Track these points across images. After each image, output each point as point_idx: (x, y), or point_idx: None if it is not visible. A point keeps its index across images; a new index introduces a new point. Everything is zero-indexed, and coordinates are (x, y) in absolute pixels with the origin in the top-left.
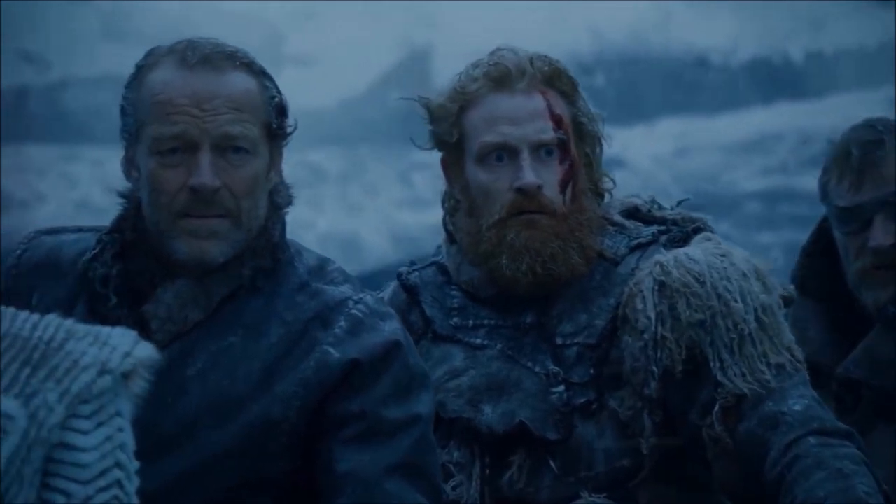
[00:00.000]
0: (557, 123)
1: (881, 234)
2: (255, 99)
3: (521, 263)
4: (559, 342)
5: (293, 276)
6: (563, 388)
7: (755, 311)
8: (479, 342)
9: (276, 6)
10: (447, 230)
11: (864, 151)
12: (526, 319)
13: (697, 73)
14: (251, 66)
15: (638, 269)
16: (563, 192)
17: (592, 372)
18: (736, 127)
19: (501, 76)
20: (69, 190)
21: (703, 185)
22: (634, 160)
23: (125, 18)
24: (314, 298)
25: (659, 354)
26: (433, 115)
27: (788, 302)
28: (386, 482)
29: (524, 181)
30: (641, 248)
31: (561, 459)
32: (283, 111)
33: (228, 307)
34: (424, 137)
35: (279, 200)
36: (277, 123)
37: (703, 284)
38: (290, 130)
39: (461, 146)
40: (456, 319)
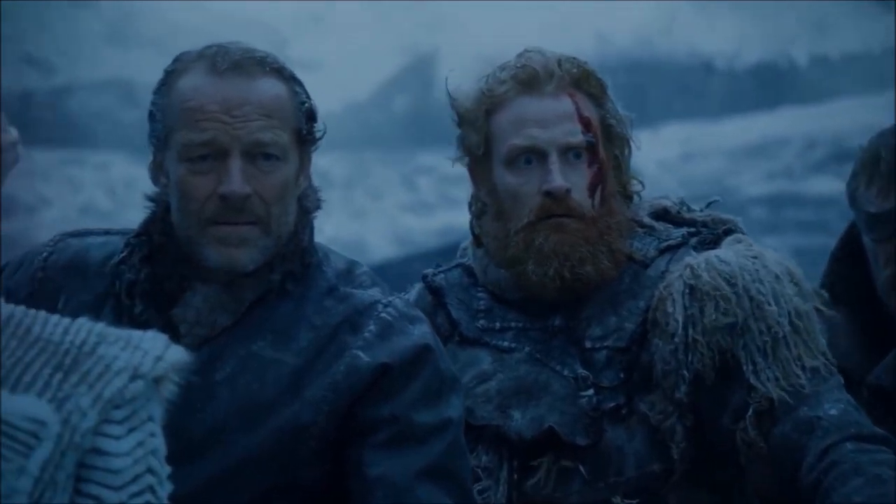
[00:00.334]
0: (586, 126)
1: None
2: (285, 105)
3: (548, 268)
4: (588, 345)
5: (321, 280)
6: (592, 392)
7: (789, 314)
8: (506, 345)
9: (280, 11)
10: (473, 233)
11: (893, 157)
12: (554, 322)
13: (702, 77)
14: (281, 71)
15: (668, 271)
16: (591, 195)
17: (622, 376)
18: (741, 132)
19: (529, 78)
20: (73, 194)
21: (707, 189)
22: (639, 165)
23: (129, 23)
24: (343, 302)
25: (690, 358)
26: (461, 117)
27: (826, 304)
28: (417, 487)
29: (553, 184)
30: (671, 250)
31: (590, 464)
32: (312, 116)
33: (257, 311)
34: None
35: (308, 205)
36: (307, 129)
37: (734, 287)
38: (318, 135)
39: (488, 149)
40: (482, 321)
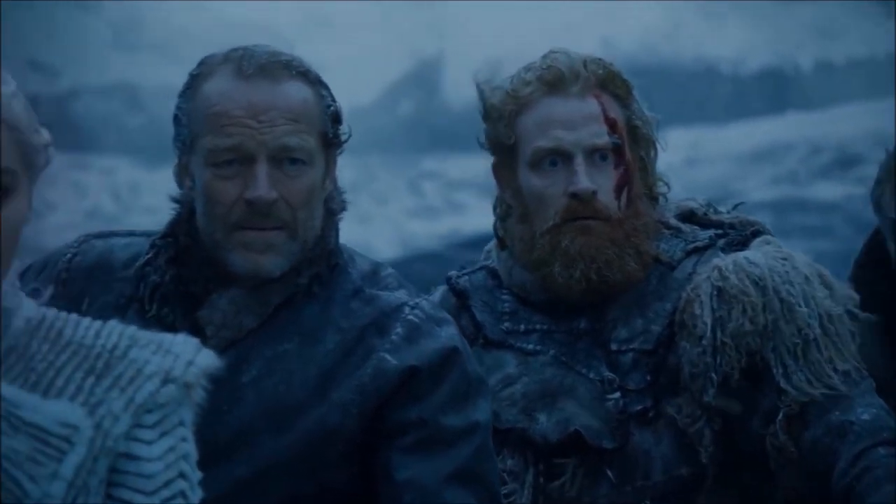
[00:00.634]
0: (612, 127)
1: None
2: (311, 109)
3: (574, 270)
4: (614, 348)
5: (347, 282)
6: (618, 394)
7: (819, 316)
8: (531, 348)
9: (286, 15)
10: (497, 235)
11: None
12: (579, 324)
13: (707, 83)
14: (307, 74)
15: (695, 273)
16: (618, 197)
17: (649, 378)
18: (746, 137)
19: (555, 79)
20: (79, 199)
21: (712, 194)
22: None
23: (135, 27)
24: (369, 304)
25: (718, 361)
26: (488, 116)
27: (858, 306)
28: (445, 491)
29: (578, 186)
30: (698, 252)
31: (617, 468)
32: (338, 119)
33: (283, 313)
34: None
35: (334, 207)
36: (333, 132)
37: (763, 289)
38: (344, 138)
39: (514, 151)
40: (507, 324)
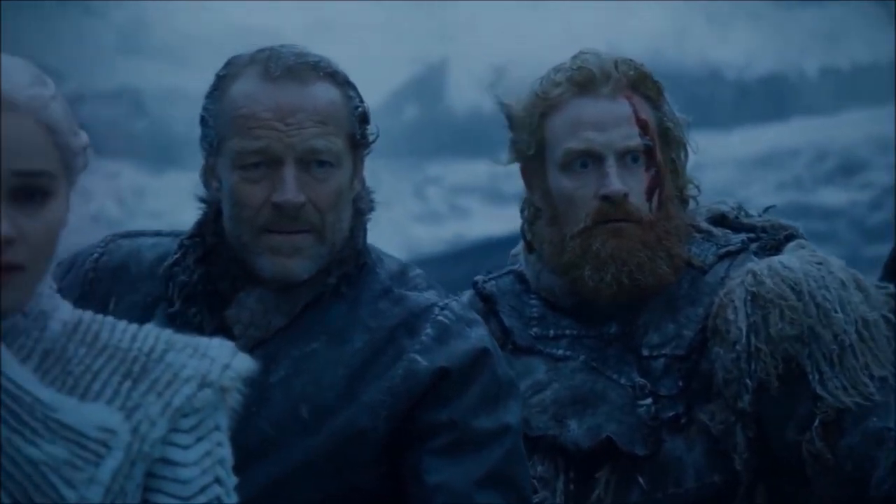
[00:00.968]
0: (643, 129)
1: None
2: (339, 110)
3: (605, 274)
4: (645, 353)
5: (375, 281)
6: (650, 400)
7: (856, 321)
8: (560, 353)
9: (291, 19)
10: (525, 239)
11: None
12: (610, 329)
13: (712, 88)
14: (335, 75)
15: (728, 277)
16: (649, 199)
17: (681, 384)
18: (750, 142)
19: (585, 80)
20: (84, 203)
21: (716, 199)
22: None
23: (140, 32)
24: (398, 305)
25: (753, 367)
26: (513, 121)
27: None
28: (476, 494)
29: (610, 189)
30: (731, 256)
31: (649, 475)
32: (365, 119)
33: (311, 313)
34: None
35: (362, 206)
36: (360, 133)
37: (799, 294)
38: (372, 138)
39: (542, 153)
40: (536, 329)
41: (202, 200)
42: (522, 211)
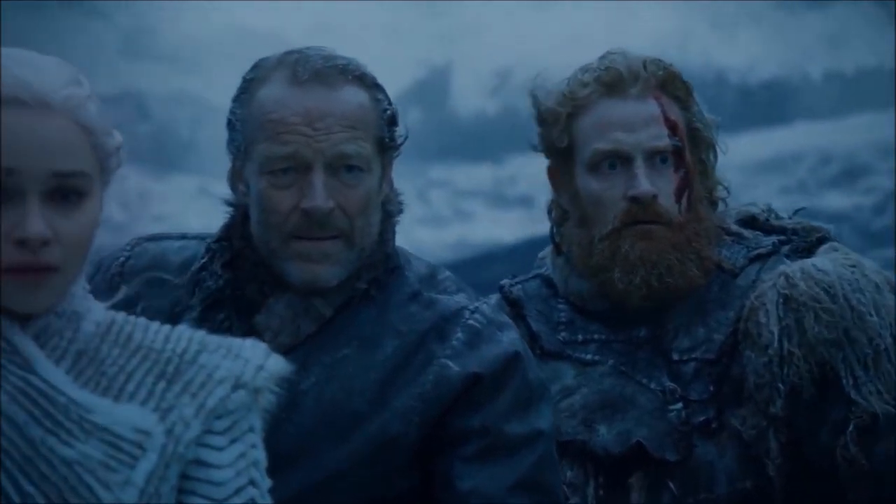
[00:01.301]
0: (672, 129)
1: None
2: (368, 114)
3: (634, 276)
4: (675, 357)
5: (405, 285)
6: (680, 405)
7: (891, 325)
8: (589, 358)
9: (295, 23)
10: (554, 241)
11: None
12: (639, 333)
13: (716, 91)
14: (363, 78)
15: (759, 280)
16: (678, 201)
17: (712, 389)
18: (754, 146)
19: (613, 81)
20: None
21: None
22: None
23: (143, 36)
24: (428, 309)
25: (785, 371)
26: (543, 119)
27: None
28: (509, 500)
29: (639, 190)
30: (761, 258)
31: (680, 480)
32: (394, 121)
33: (341, 318)
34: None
35: (391, 209)
36: (389, 136)
37: (834, 297)
38: (400, 141)
39: (570, 153)
40: (564, 334)
41: (229, 204)
42: (549, 212)
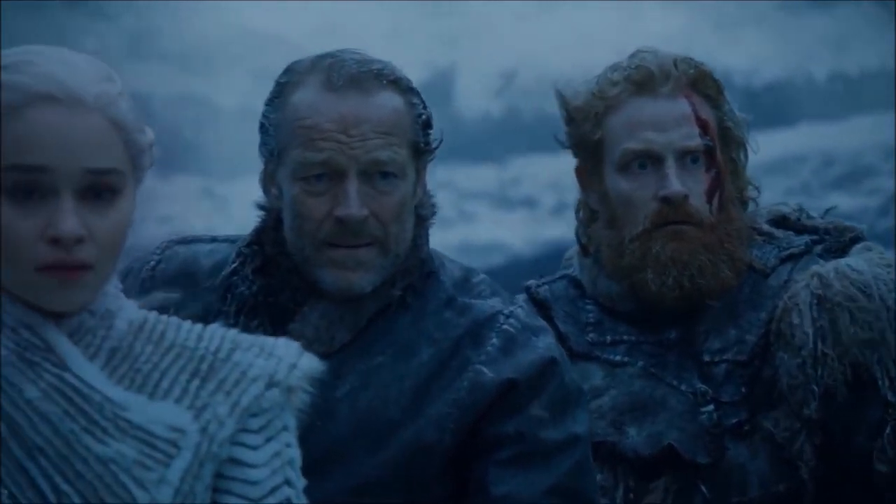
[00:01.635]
0: (703, 129)
1: None
2: (402, 119)
3: (667, 277)
4: (706, 359)
5: (440, 290)
6: (712, 407)
7: None
8: (618, 359)
9: (300, 25)
10: (580, 242)
11: None
12: (669, 335)
13: None
14: (398, 82)
15: (792, 280)
16: (709, 201)
17: (744, 390)
18: (758, 148)
19: (644, 79)
20: None
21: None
22: None
23: (150, 37)
24: (463, 314)
25: (819, 372)
26: (571, 118)
27: None
28: None
29: (670, 190)
30: (793, 258)
31: (712, 483)
32: (429, 125)
33: (376, 325)
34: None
35: (425, 213)
36: (424, 140)
37: (869, 297)
38: (435, 145)
39: (599, 153)
40: (592, 335)
41: (261, 207)
42: (577, 213)
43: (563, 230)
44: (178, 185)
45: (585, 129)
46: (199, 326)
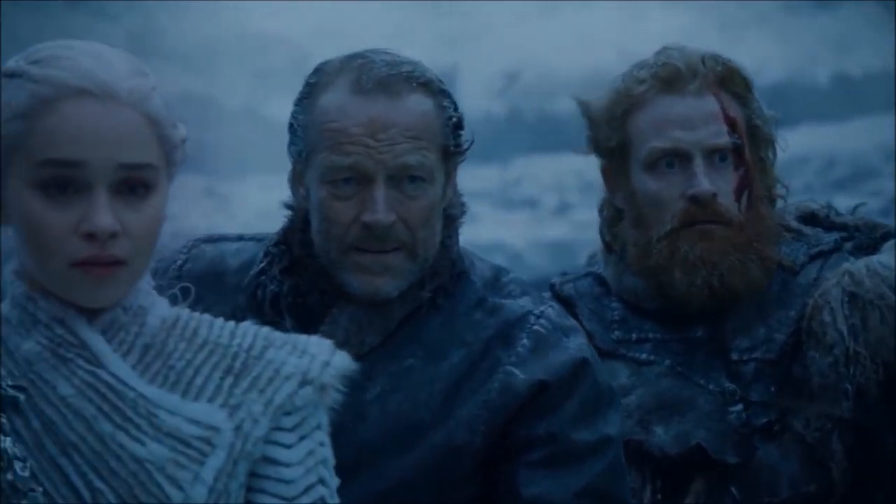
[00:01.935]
0: (732, 127)
1: None
2: (432, 123)
3: (696, 277)
4: (735, 357)
5: (470, 290)
6: (741, 407)
7: None
8: (644, 357)
9: (302, 26)
10: (605, 240)
11: None
12: (696, 333)
13: None
14: (429, 85)
15: (821, 278)
16: (738, 200)
17: (773, 390)
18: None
19: (671, 77)
20: None
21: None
22: None
23: (151, 36)
24: (493, 315)
25: (852, 371)
26: (593, 119)
27: None
28: None
29: (698, 189)
30: (823, 256)
31: (741, 484)
32: (460, 126)
33: (406, 327)
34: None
35: (454, 212)
36: (454, 143)
37: None
38: (466, 146)
39: (625, 152)
40: (617, 333)
41: (288, 207)
42: (601, 211)
43: (564, 230)
44: (179, 183)
45: (611, 128)
46: (231, 323)
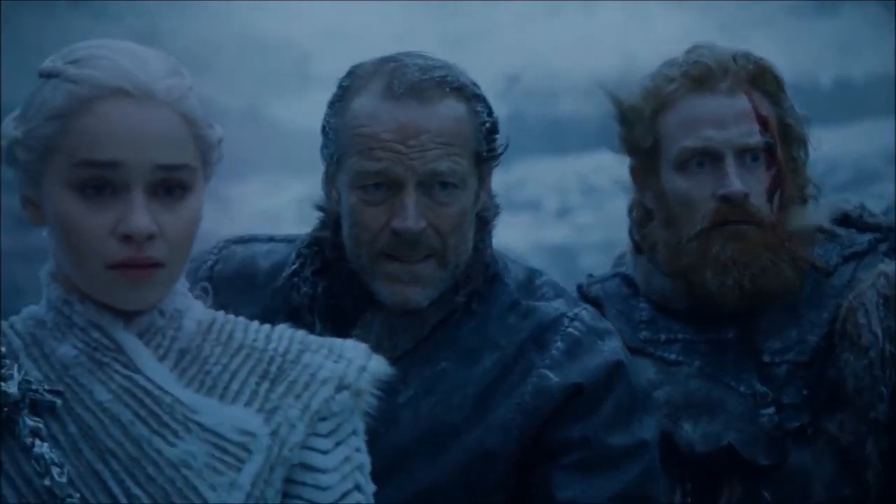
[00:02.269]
0: (764, 126)
1: None
2: (464, 129)
3: (727, 278)
4: (766, 359)
5: (503, 293)
6: (773, 409)
7: None
8: (673, 358)
9: (303, 27)
10: (633, 241)
11: None
12: (727, 334)
13: None
14: (462, 90)
15: (856, 280)
16: (770, 200)
17: (806, 392)
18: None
19: (702, 75)
20: None
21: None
22: None
23: (154, 37)
24: (527, 318)
25: (888, 374)
26: (624, 117)
27: None
28: None
29: (730, 189)
30: (857, 257)
31: (774, 488)
32: (494, 131)
33: (439, 331)
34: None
35: (487, 215)
36: (488, 148)
37: None
38: (500, 151)
39: (655, 151)
40: (645, 333)
41: (320, 209)
42: (630, 212)
43: (566, 233)
44: None
45: (641, 127)
46: (266, 327)
